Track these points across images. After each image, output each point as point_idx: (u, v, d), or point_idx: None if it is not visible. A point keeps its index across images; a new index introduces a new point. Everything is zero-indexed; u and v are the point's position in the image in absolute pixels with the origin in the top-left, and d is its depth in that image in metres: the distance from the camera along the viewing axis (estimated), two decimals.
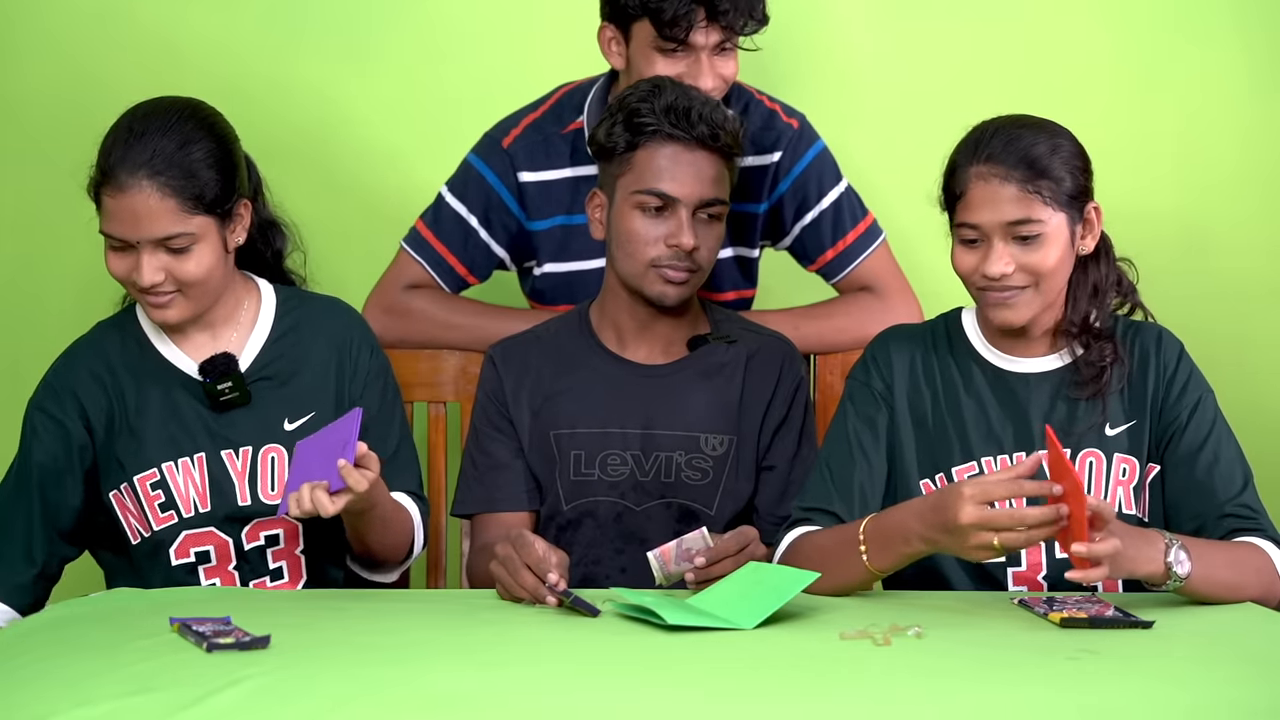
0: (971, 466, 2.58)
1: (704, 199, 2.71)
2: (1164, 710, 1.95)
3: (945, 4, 3.49)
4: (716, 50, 2.88)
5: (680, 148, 2.71)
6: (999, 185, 2.49)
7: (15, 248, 3.51)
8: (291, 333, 2.72)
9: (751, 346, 2.84)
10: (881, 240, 3.13)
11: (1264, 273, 3.49)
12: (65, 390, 2.69)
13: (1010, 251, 2.49)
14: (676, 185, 2.71)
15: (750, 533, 2.51)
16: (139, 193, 2.55)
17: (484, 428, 2.82)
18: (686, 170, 2.71)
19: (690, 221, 2.71)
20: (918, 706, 1.95)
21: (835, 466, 2.58)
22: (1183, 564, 2.32)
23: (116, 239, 2.58)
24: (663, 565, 2.47)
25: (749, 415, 2.80)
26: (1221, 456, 2.53)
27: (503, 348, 2.86)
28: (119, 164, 2.56)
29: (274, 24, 3.47)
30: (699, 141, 2.70)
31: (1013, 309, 2.53)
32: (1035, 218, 2.49)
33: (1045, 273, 2.51)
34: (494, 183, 3.05)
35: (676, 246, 2.70)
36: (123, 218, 2.56)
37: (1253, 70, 3.46)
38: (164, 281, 2.58)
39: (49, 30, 3.47)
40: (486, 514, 2.80)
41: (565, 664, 2.09)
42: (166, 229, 2.56)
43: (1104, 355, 2.56)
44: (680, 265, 2.72)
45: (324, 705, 1.93)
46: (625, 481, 2.79)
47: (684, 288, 2.74)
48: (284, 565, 2.70)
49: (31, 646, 2.20)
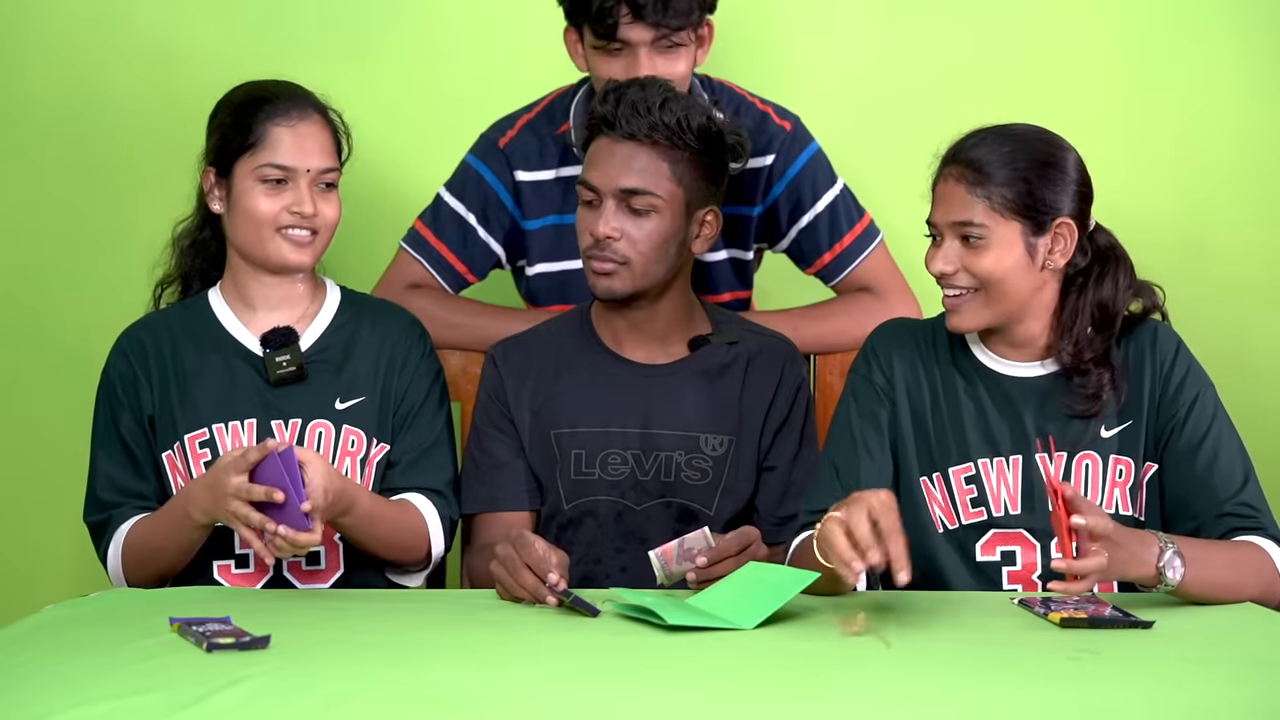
0: (969, 468, 2.58)
1: (623, 187, 2.71)
2: (1164, 710, 1.94)
3: (943, 4, 3.49)
4: (659, 49, 2.90)
5: (609, 139, 2.73)
6: (953, 185, 2.52)
7: (14, 253, 3.51)
8: (351, 323, 2.80)
9: (753, 347, 2.84)
10: (879, 240, 3.13)
11: (1263, 277, 3.48)
12: (137, 359, 2.75)
13: (956, 252, 2.51)
14: (599, 175, 2.72)
15: (752, 533, 2.51)
16: (312, 123, 2.72)
17: (485, 427, 2.83)
18: (608, 160, 2.72)
19: (614, 211, 2.71)
20: (918, 706, 1.95)
21: (842, 465, 2.58)
22: (1175, 569, 2.32)
23: (284, 168, 2.69)
24: (664, 565, 2.47)
25: (749, 416, 2.80)
26: (1221, 453, 2.53)
27: (503, 348, 2.87)
28: (288, 99, 2.72)
29: (271, 27, 3.47)
30: (629, 134, 2.71)
31: (958, 313, 2.54)
32: (977, 221, 2.50)
33: (989, 279, 2.51)
34: (492, 182, 3.06)
35: (592, 236, 2.73)
36: (297, 144, 2.70)
37: (1253, 72, 3.46)
38: (315, 217, 2.70)
39: (46, 35, 3.47)
40: (488, 514, 2.79)
41: (565, 664, 2.09)
42: (329, 161, 2.73)
43: (1101, 384, 2.56)
44: (601, 255, 2.73)
45: (324, 705, 1.93)
46: (625, 481, 2.79)
47: (612, 279, 2.74)
48: (321, 551, 2.72)
49: (31, 646, 2.20)
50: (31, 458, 3.48)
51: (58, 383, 3.42)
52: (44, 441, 3.43)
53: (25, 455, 3.49)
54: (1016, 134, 2.55)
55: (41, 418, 3.46)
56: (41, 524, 3.41)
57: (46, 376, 3.48)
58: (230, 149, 2.71)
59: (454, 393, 3.03)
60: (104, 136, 3.49)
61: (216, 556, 2.71)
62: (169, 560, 2.67)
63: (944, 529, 2.59)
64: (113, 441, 2.73)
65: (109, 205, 3.49)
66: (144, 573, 2.68)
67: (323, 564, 2.73)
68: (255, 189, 2.69)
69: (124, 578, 2.69)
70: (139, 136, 3.47)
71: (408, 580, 2.77)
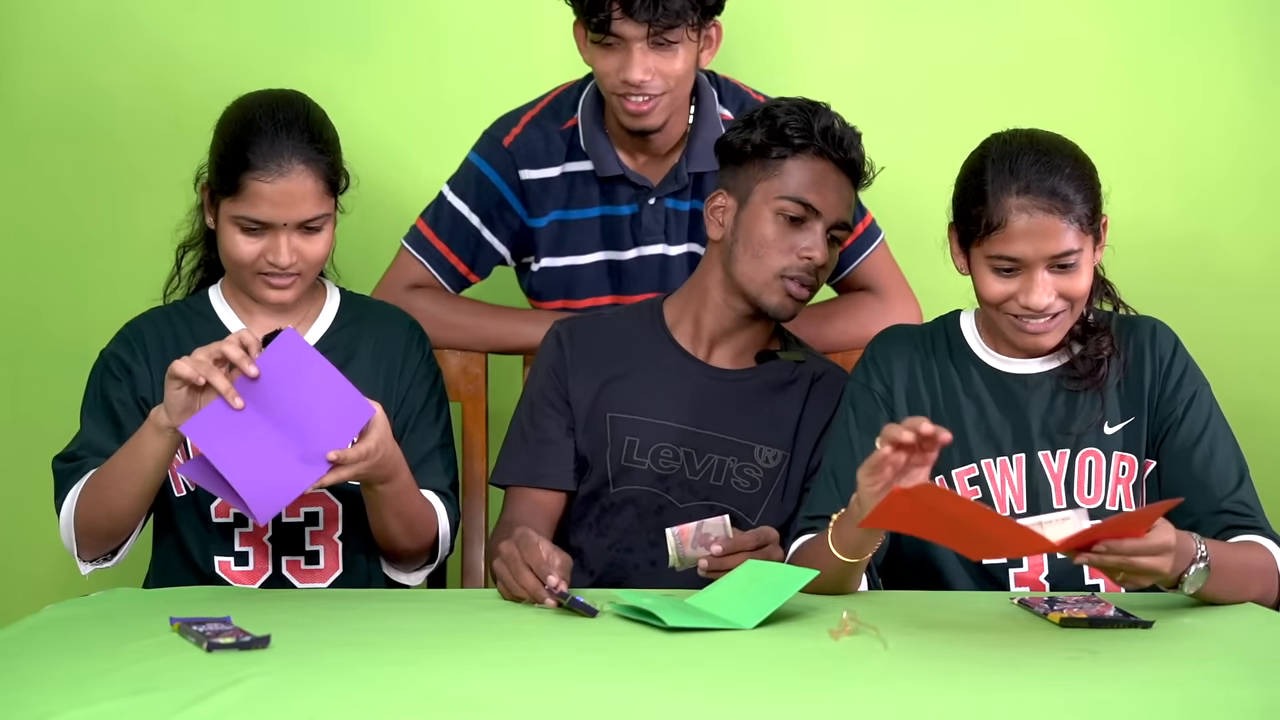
0: (971, 469, 2.58)
1: (839, 220, 2.74)
2: (1163, 710, 1.94)
3: (943, 5, 3.49)
4: (653, 45, 2.91)
5: (830, 167, 2.74)
6: (1041, 217, 2.48)
7: (14, 253, 3.51)
8: (351, 325, 2.79)
9: (817, 369, 2.85)
10: (880, 240, 3.13)
11: (1263, 273, 3.48)
12: (137, 344, 2.74)
13: (1052, 282, 2.50)
14: (821, 200, 2.73)
15: (771, 534, 2.52)
16: (294, 177, 2.64)
17: (539, 402, 2.83)
18: (832, 189, 2.74)
19: (825, 238, 2.74)
20: (918, 706, 1.95)
21: (841, 474, 2.57)
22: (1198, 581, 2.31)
23: (259, 222, 2.65)
24: (679, 545, 2.48)
25: (805, 435, 2.81)
26: (1217, 451, 2.54)
27: (569, 325, 2.88)
28: (270, 146, 2.64)
29: (274, 27, 3.47)
30: (845, 166, 2.75)
31: (1050, 334, 2.54)
32: (1077, 248, 2.49)
33: (1081, 296, 2.53)
34: (496, 181, 3.06)
35: (809, 259, 2.72)
36: (275, 200, 2.64)
37: (1251, 72, 3.46)
38: (294, 264, 2.66)
39: (49, 35, 3.47)
40: (524, 487, 2.81)
41: (565, 664, 2.09)
42: (312, 210, 2.66)
43: (1100, 348, 2.57)
44: (808, 279, 2.74)
45: (324, 705, 1.92)
46: (674, 476, 2.79)
47: (803, 304, 2.77)
48: (321, 550, 2.73)
49: (31, 646, 2.20)
50: (31, 458, 3.46)
51: (58, 382, 3.42)
52: (44, 441, 3.41)
53: (25, 455, 3.48)
54: (1054, 146, 2.54)
55: (41, 418, 3.46)
56: (41, 524, 3.39)
57: (46, 376, 3.48)
58: (216, 185, 2.69)
59: (453, 393, 3.04)
60: (105, 136, 3.49)
61: (218, 552, 2.71)
62: (125, 493, 2.57)
63: None
64: (100, 408, 2.71)
65: (109, 205, 3.49)
66: (95, 511, 2.59)
67: (321, 563, 2.73)
68: (235, 232, 2.67)
69: (73, 524, 2.61)
70: (140, 136, 3.47)
71: (407, 579, 2.77)
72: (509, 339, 3.06)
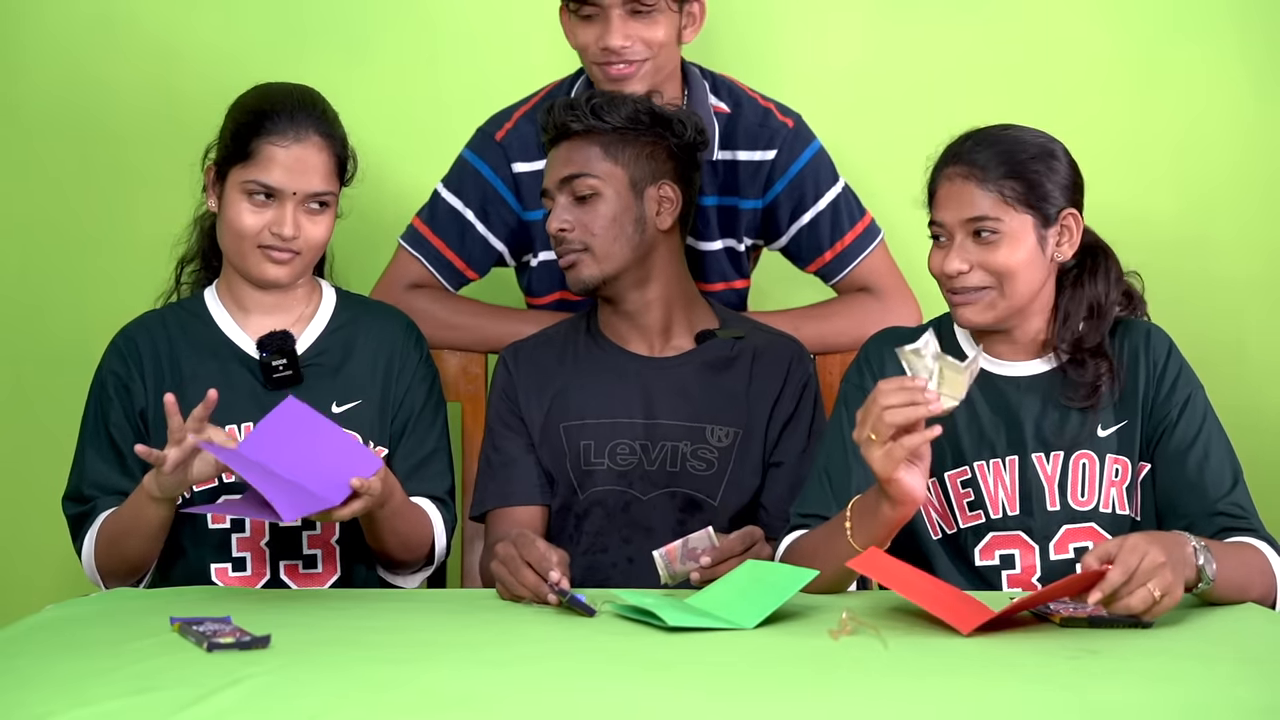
0: (964, 471, 2.59)
1: (562, 177, 2.80)
2: (1163, 710, 1.94)
3: (943, 4, 3.49)
4: (631, 13, 2.92)
5: (552, 150, 2.84)
6: (961, 183, 2.52)
7: (14, 252, 3.51)
8: (348, 326, 2.79)
9: (759, 342, 2.86)
10: (879, 240, 3.13)
11: (1262, 276, 3.48)
12: (131, 357, 2.75)
13: (970, 250, 2.51)
14: (546, 179, 2.84)
15: (756, 533, 2.52)
16: (309, 144, 2.68)
17: (497, 426, 2.85)
18: (550, 163, 2.84)
19: (563, 205, 2.80)
20: (918, 706, 1.95)
21: (833, 473, 2.58)
22: (1211, 563, 2.29)
23: (269, 188, 2.66)
24: (668, 564, 2.48)
25: (756, 408, 2.81)
26: (1212, 454, 2.53)
27: (514, 349, 2.91)
28: (289, 117, 2.68)
29: (273, 27, 3.47)
30: (560, 133, 2.81)
31: (973, 307, 2.54)
32: (992, 215, 2.50)
33: (1005, 273, 2.51)
34: (489, 176, 3.07)
35: (552, 236, 2.82)
36: (289, 165, 2.66)
37: (1253, 72, 3.46)
38: (296, 239, 2.67)
39: (50, 34, 3.47)
40: (501, 509, 2.81)
41: (565, 664, 2.09)
42: (321, 185, 2.68)
43: (1099, 373, 2.56)
44: (562, 250, 2.82)
45: (324, 705, 1.92)
46: (634, 470, 2.80)
47: (579, 269, 2.81)
48: (319, 554, 2.73)
49: (31, 646, 2.20)
50: (32, 457, 3.48)
51: (58, 382, 3.42)
52: (44, 441, 3.43)
53: (25, 455, 3.49)
54: (1009, 132, 2.57)
55: (41, 418, 3.46)
56: (41, 524, 3.40)
57: (46, 376, 3.48)
58: (226, 155, 2.70)
59: (453, 394, 3.04)
60: (105, 135, 3.49)
61: (214, 560, 2.71)
62: (135, 547, 2.63)
63: (941, 534, 2.59)
64: (100, 438, 2.72)
65: (109, 204, 3.49)
66: (113, 560, 2.65)
67: (319, 567, 2.73)
68: (241, 201, 2.68)
69: (95, 568, 2.67)
70: (140, 135, 3.47)
71: (404, 583, 2.77)
72: (509, 339, 3.06)
